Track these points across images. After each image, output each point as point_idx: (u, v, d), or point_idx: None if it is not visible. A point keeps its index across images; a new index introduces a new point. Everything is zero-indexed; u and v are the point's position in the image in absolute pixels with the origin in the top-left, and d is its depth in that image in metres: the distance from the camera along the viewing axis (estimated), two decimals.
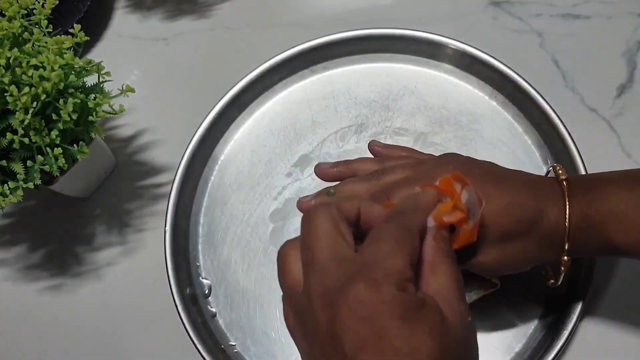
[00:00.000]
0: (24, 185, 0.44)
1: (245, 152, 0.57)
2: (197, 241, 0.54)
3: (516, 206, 0.38)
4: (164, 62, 0.62)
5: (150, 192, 0.57)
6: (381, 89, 0.57)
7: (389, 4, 0.61)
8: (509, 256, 0.39)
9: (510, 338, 0.48)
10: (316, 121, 0.57)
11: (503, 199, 0.38)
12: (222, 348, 0.50)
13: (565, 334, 0.46)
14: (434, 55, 0.57)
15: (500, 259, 0.39)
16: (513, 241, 0.38)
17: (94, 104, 0.45)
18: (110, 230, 0.55)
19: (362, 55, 0.58)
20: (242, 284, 0.52)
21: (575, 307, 0.46)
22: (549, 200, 0.39)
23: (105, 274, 0.54)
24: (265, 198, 0.54)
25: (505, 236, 0.38)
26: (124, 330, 0.52)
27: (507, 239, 0.38)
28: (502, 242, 0.38)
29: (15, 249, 0.56)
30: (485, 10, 0.60)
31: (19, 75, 0.42)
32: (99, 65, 0.46)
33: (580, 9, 0.59)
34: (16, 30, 0.44)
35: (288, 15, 0.62)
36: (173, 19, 0.64)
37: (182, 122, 0.57)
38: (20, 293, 0.54)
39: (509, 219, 0.38)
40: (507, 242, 0.38)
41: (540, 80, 0.53)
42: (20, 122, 0.42)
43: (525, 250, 0.39)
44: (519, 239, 0.38)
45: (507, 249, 0.38)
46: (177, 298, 0.49)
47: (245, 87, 0.56)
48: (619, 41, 0.57)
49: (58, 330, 0.53)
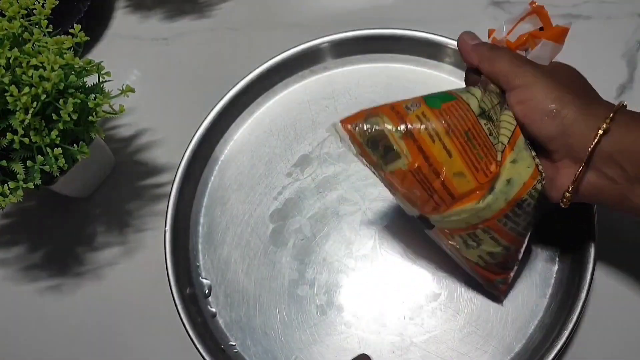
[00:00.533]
0: (24, 185, 0.44)
1: (246, 152, 0.57)
2: (197, 241, 0.54)
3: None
4: (164, 62, 0.62)
5: (150, 192, 0.57)
6: (381, 89, 0.57)
7: (389, 4, 0.61)
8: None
9: (510, 338, 0.48)
10: (316, 121, 0.57)
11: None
12: (222, 348, 0.50)
13: (565, 334, 0.46)
14: (434, 55, 0.57)
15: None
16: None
17: (94, 104, 0.45)
18: (110, 230, 0.55)
19: (362, 55, 0.58)
20: (242, 284, 0.52)
21: (575, 308, 0.46)
22: (590, 111, 0.39)
23: (105, 274, 0.54)
24: (265, 198, 0.54)
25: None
26: (124, 330, 0.52)
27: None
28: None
29: (15, 249, 0.56)
30: (485, 10, 0.60)
31: (19, 75, 0.42)
32: (99, 65, 0.46)
33: (580, 9, 0.59)
34: (16, 30, 0.44)
35: (288, 15, 0.62)
36: (173, 19, 0.64)
37: (182, 122, 0.57)
38: (20, 293, 0.54)
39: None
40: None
41: None
42: (20, 122, 0.42)
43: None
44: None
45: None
46: (177, 298, 0.49)
47: (245, 87, 0.56)
48: (619, 41, 0.57)
49: (58, 330, 0.53)
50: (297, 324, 0.50)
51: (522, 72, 0.40)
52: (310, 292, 0.51)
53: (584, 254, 0.47)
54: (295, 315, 0.50)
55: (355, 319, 0.50)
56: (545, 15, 0.44)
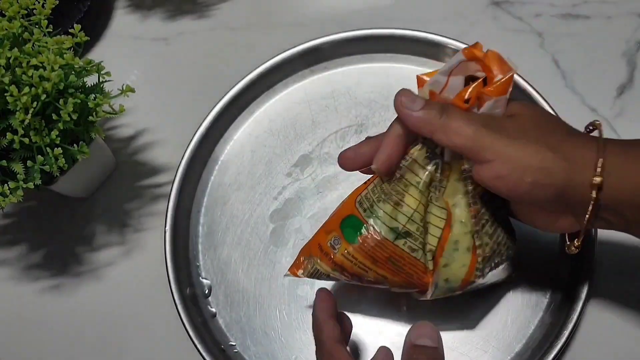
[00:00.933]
0: (24, 185, 0.44)
1: (246, 152, 0.57)
2: (197, 241, 0.54)
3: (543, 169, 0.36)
4: (164, 62, 0.62)
5: (150, 192, 0.57)
6: (381, 89, 0.57)
7: (389, 4, 0.61)
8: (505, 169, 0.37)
9: (510, 338, 0.48)
10: (316, 121, 0.57)
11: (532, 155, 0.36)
12: (222, 348, 0.50)
13: (565, 334, 0.46)
14: (434, 55, 0.57)
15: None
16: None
17: (94, 104, 0.45)
18: (110, 230, 0.55)
19: (362, 55, 0.58)
20: (242, 284, 0.52)
21: (575, 307, 0.46)
22: (577, 162, 0.36)
23: (105, 274, 0.54)
24: (266, 198, 0.54)
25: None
26: (124, 330, 0.52)
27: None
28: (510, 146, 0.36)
29: (16, 249, 0.56)
30: (485, 10, 0.60)
31: (19, 75, 0.42)
32: (99, 65, 0.46)
33: (580, 9, 0.59)
34: (16, 30, 0.44)
35: (288, 15, 0.62)
36: (173, 19, 0.64)
37: (182, 122, 0.57)
38: (20, 293, 0.54)
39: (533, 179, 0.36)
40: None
41: (540, 80, 0.53)
42: (20, 122, 0.42)
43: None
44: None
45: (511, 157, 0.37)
46: (177, 298, 0.50)
47: (245, 87, 0.56)
48: (619, 41, 0.57)
49: (58, 330, 0.53)
50: (297, 324, 0.50)
51: (489, 144, 0.36)
52: (311, 292, 0.51)
53: (584, 253, 0.47)
54: (295, 315, 0.50)
55: (355, 319, 0.49)
56: (485, 62, 0.39)
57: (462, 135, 0.37)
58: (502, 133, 0.37)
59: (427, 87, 0.40)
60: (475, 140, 0.36)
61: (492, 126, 0.37)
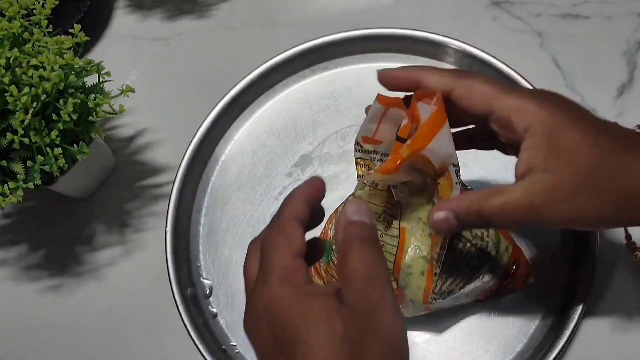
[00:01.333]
0: (24, 185, 0.44)
1: (246, 152, 0.56)
2: (197, 241, 0.54)
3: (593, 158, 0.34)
4: (164, 62, 0.62)
5: (150, 192, 0.56)
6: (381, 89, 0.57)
7: (390, 3, 0.61)
8: (582, 215, 0.34)
9: (511, 338, 0.48)
10: (317, 121, 0.57)
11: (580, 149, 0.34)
12: (223, 348, 0.50)
13: (566, 334, 0.46)
14: (434, 55, 0.57)
15: (572, 214, 0.34)
16: (587, 196, 0.34)
17: (94, 104, 0.45)
18: (110, 230, 0.55)
19: (363, 55, 0.58)
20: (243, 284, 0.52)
21: (576, 307, 0.46)
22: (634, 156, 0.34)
23: (105, 274, 0.54)
24: (266, 198, 0.54)
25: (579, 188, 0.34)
26: (125, 330, 0.52)
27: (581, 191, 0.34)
28: (575, 196, 0.34)
29: (16, 249, 0.56)
30: (485, 10, 0.60)
31: (19, 75, 0.42)
32: (99, 65, 0.46)
33: (580, 9, 0.59)
34: (16, 30, 0.44)
35: (288, 15, 0.62)
36: (173, 19, 0.64)
37: (182, 122, 0.57)
38: (20, 293, 0.54)
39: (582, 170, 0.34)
40: (580, 195, 0.34)
41: (540, 80, 0.53)
42: (20, 122, 0.42)
43: (599, 209, 0.34)
44: (594, 195, 0.34)
45: (580, 204, 0.34)
46: (178, 298, 0.49)
47: (245, 87, 0.56)
48: (619, 41, 0.57)
49: (58, 330, 0.53)
50: None
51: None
52: None
53: (586, 252, 0.47)
54: None
55: None
56: (408, 107, 0.38)
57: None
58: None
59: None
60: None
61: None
